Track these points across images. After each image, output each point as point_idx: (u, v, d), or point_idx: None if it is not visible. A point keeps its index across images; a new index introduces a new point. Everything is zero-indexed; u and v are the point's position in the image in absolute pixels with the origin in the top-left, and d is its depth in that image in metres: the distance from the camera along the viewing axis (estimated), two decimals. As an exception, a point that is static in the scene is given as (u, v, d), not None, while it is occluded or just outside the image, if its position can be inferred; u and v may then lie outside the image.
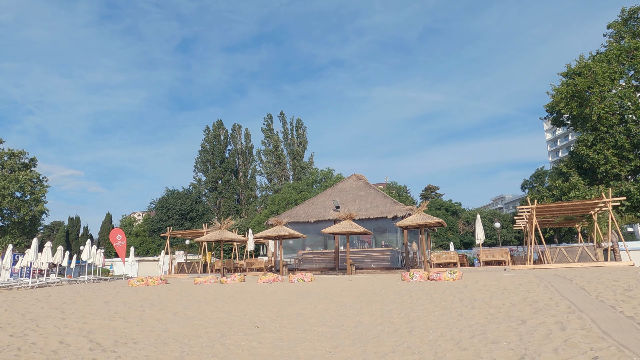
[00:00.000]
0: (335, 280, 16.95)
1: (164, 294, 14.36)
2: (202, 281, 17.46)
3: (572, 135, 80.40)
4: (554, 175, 35.68)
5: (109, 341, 7.88)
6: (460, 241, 57.53)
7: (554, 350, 6.11)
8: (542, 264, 20.12)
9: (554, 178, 31.20)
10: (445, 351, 6.40)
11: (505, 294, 10.94)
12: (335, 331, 8.01)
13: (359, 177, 28.39)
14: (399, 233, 23.63)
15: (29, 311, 11.91)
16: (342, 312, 9.70)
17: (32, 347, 7.75)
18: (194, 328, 8.78)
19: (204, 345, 7.34)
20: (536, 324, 7.72)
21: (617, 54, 28.06)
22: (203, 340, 7.67)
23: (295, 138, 69.35)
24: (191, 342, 7.62)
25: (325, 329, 8.17)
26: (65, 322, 9.95)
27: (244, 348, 7.04)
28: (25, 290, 18.49)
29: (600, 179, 28.22)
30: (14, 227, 40.71)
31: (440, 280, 13.97)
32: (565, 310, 8.62)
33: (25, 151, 44.71)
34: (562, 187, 28.57)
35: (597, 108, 27.13)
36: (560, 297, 10.01)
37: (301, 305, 10.87)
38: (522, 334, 7.12)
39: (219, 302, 11.95)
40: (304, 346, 7.01)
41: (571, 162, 30.38)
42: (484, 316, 8.67)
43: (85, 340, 8.07)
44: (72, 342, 7.99)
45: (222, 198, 68.83)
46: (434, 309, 9.59)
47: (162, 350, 7.05)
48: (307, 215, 25.41)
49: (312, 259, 24.78)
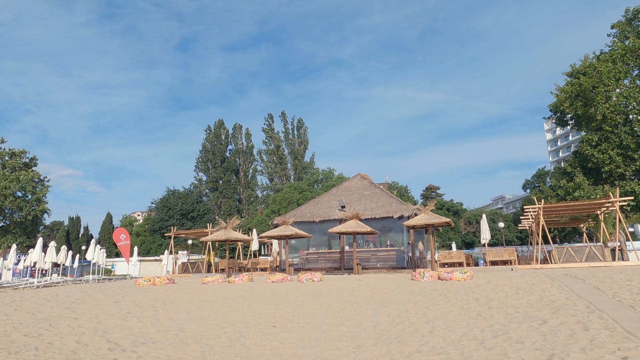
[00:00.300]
0: (344, 280, 16.89)
1: (174, 294, 14.28)
2: (210, 281, 17.38)
3: (573, 135, 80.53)
4: (558, 175, 35.71)
5: (126, 341, 7.81)
6: (462, 241, 57.56)
7: (581, 350, 6.06)
8: (549, 264, 20.09)
9: (558, 178, 31.21)
10: (471, 351, 6.35)
11: (519, 293, 10.89)
12: (354, 331, 7.95)
13: (363, 176, 28.34)
14: (405, 233, 23.58)
15: (39, 311, 11.83)
16: (358, 312, 9.65)
17: (49, 347, 7.67)
18: (211, 328, 8.71)
19: (224, 345, 7.27)
20: (557, 323, 7.67)
21: (622, 53, 28.08)
22: (222, 340, 7.61)
23: (296, 138, 69.30)
24: (210, 342, 7.55)
25: (345, 329, 8.11)
26: (78, 321, 9.87)
27: (266, 348, 6.97)
28: (31, 290, 18.39)
29: (605, 179, 28.23)
30: (15, 227, 40.56)
31: (451, 280, 13.92)
32: (585, 310, 8.57)
33: (26, 150, 44.62)
34: (567, 187, 28.56)
35: (602, 108, 27.14)
36: (576, 296, 9.96)
37: (315, 304, 10.81)
38: (546, 334, 7.07)
39: (232, 302, 11.88)
40: (326, 346, 6.95)
41: (575, 161, 30.38)
42: (502, 316, 8.62)
43: (102, 340, 7.99)
44: (89, 342, 7.91)
45: (223, 198, 68.74)
46: (451, 308, 9.54)
47: (182, 350, 6.98)
48: (313, 214, 25.34)
49: (318, 259, 24.73)
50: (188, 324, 9.14)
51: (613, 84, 27.37)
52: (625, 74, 28.23)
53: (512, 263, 21.47)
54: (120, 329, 8.99)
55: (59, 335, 8.52)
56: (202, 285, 16.63)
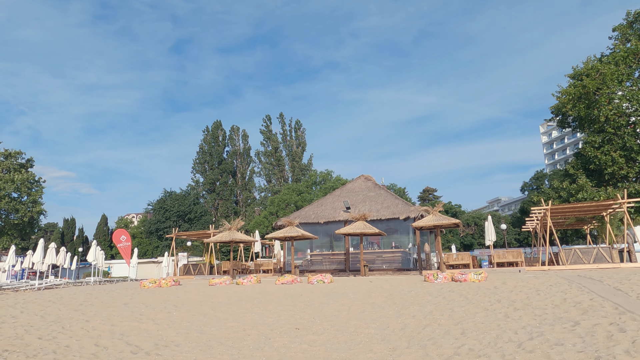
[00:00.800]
0: (354, 281, 16.67)
1: (184, 296, 13.99)
2: (217, 282, 17.09)
3: (569, 138, 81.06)
4: (558, 177, 35.76)
5: (148, 344, 7.54)
6: (461, 243, 57.59)
7: (625, 351, 5.89)
8: (555, 265, 20.00)
9: (561, 179, 31.21)
10: (512, 353, 6.15)
11: (540, 294, 10.73)
12: (383, 333, 7.73)
13: (367, 177, 28.17)
14: (411, 234, 23.42)
15: (47, 313, 11.49)
16: (381, 314, 9.44)
17: (67, 350, 7.39)
18: (232, 330, 8.45)
19: (251, 347, 7.03)
20: (591, 325, 7.51)
21: (625, 56, 28.19)
22: (248, 343, 7.36)
23: (294, 139, 69.07)
24: (236, 344, 7.30)
25: (372, 331, 7.90)
26: (90, 324, 9.57)
27: (296, 351, 6.74)
28: (32, 291, 17.98)
29: (607, 181, 28.25)
30: (11, 229, 39.93)
31: (465, 281, 13.75)
32: (614, 311, 8.42)
33: (21, 151, 44.00)
34: (570, 189, 28.55)
35: (605, 110, 27.18)
36: (600, 298, 9.82)
37: (334, 306, 10.58)
38: (582, 336, 6.90)
39: (247, 304, 11.62)
40: (358, 349, 6.73)
41: (578, 163, 30.41)
42: (531, 317, 8.45)
43: (121, 343, 7.72)
44: (108, 344, 7.64)
45: (220, 200, 68.28)
46: (475, 310, 9.36)
47: (210, 354, 6.73)
48: (317, 216, 25.11)
49: (322, 260, 24.49)
50: (207, 326, 8.88)
51: (616, 86, 27.46)
52: (628, 76, 28.34)
53: (519, 265, 21.37)
54: (137, 331, 8.70)
55: (75, 338, 8.23)
56: (210, 287, 16.34)
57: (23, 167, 43.44)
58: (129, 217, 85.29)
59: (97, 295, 15.07)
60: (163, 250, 55.33)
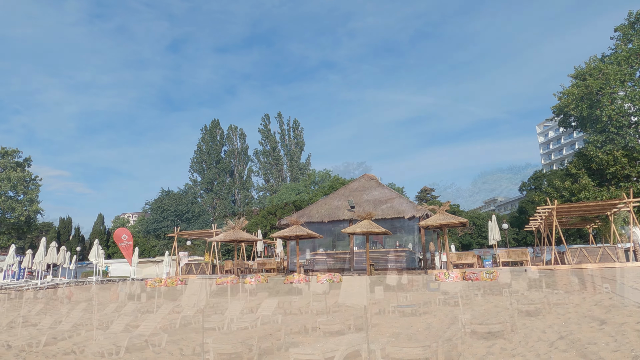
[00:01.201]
0: (364, 281, 16.55)
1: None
2: (224, 281, 16.93)
3: (565, 139, 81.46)
4: (558, 177, 35.85)
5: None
6: (459, 242, 57.61)
7: (661, 350, 5.84)
8: (560, 265, 19.99)
9: (562, 179, 31.28)
10: (547, 352, 6.08)
11: (557, 293, 10.69)
12: (408, 332, 7.64)
13: (370, 177, 28.02)
14: (416, 233, 23.30)
15: (59, 313, 11.30)
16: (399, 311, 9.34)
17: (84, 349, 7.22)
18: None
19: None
20: (618, 324, 7.45)
21: (627, 56, 28.29)
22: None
23: (293, 139, 68.86)
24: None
25: (396, 330, 7.80)
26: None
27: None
28: (34, 291, 17.73)
29: (609, 180, 28.36)
30: (9, 228, 39.48)
31: (477, 280, 13.70)
32: (638, 310, 8.39)
33: (19, 150, 43.44)
34: (572, 189, 28.63)
35: (607, 109, 27.27)
36: (619, 296, 9.79)
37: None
38: (612, 334, 6.84)
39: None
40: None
41: (579, 163, 30.49)
42: (554, 316, 8.39)
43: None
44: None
45: (218, 199, 67.91)
46: (496, 309, 9.28)
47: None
48: (321, 215, 24.93)
49: (325, 260, 24.33)
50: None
51: (618, 86, 27.57)
52: (630, 76, 28.46)
53: (525, 264, 21.34)
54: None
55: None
56: (220, 286, 16.19)
57: (20, 166, 42.91)
58: (125, 217, 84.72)
59: (109, 295, 14.88)
60: (161, 249, 54.98)
